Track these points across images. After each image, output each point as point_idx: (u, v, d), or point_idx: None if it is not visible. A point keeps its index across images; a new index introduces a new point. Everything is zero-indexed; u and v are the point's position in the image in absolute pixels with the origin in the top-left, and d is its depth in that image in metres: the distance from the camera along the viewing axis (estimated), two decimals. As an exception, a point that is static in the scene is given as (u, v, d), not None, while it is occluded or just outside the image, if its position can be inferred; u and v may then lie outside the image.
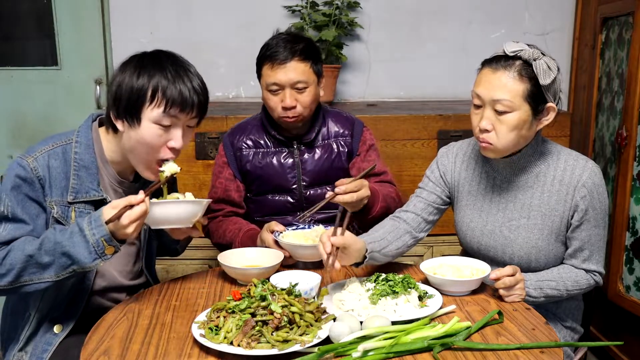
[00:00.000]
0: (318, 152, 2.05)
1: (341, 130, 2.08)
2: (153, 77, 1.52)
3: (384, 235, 1.72)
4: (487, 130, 1.61)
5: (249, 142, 2.06)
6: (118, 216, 1.43)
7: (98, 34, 3.07)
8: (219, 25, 3.09)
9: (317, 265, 1.71)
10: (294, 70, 1.92)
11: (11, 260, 1.48)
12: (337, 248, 1.52)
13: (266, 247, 1.82)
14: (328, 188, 2.02)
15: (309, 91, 1.95)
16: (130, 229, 1.45)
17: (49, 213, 1.56)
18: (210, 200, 1.66)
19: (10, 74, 3.10)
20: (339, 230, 1.56)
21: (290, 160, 2.04)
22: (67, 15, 3.05)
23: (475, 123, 1.65)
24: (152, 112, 1.52)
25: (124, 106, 1.53)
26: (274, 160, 2.04)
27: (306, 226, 1.92)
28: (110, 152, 1.63)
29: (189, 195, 1.62)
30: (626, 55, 2.46)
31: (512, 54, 1.59)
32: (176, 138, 1.56)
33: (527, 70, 1.58)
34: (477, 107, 1.64)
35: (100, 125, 1.66)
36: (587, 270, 1.71)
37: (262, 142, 2.06)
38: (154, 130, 1.54)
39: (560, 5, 3.18)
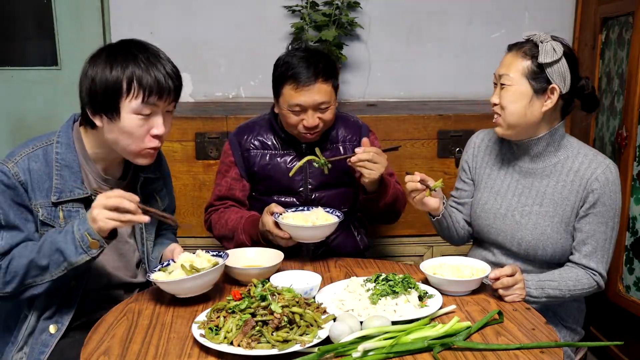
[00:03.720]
0: (326, 155, 2.02)
1: (349, 135, 2.08)
2: (127, 68, 1.50)
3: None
4: (495, 104, 1.75)
5: (257, 143, 2.06)
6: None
7: (98, 34, 3.06)
8: (219, 25, 3.08)
9: (317, 246, 1.68)
10: (318, 93, 1.89)
11: (14, 267, 1.50)
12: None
13: (267, 230, 1.82)
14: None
15: (331, 109, 1.95)
16: (100, 217, 1.43)
17: (35, 216, 1.56)
18: (225, 262, 1.63)
19: (10, 74, 3.10)
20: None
21: (298, 163, 2.03)
22: (67, 15, 3.05)
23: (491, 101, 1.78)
24: (130, 104, 1.51)
25: (100, 101, 1.51)
26: (282, 162, 2.03)
27: (305, 208, 1.91)
28: (92, 149, 1.62)
29: (200, 253, 1.61)
30: (626, 55, 2.46)
31: (525, 38, 1.72)
32: (158, 125, 1.55)
33: (533, 50, 1.69)
34: (495, 86, 1.77)
35: (81, 124, 1.64)
36: (585, 267, 1.71)
37: (269, 143, 2.05)
38: (134, 120, 1.52)
39: (560, 5, 3.18)
